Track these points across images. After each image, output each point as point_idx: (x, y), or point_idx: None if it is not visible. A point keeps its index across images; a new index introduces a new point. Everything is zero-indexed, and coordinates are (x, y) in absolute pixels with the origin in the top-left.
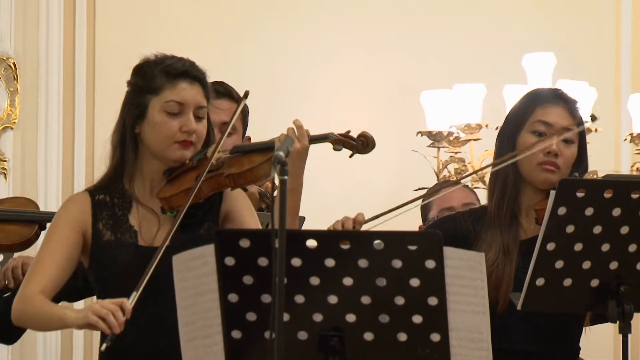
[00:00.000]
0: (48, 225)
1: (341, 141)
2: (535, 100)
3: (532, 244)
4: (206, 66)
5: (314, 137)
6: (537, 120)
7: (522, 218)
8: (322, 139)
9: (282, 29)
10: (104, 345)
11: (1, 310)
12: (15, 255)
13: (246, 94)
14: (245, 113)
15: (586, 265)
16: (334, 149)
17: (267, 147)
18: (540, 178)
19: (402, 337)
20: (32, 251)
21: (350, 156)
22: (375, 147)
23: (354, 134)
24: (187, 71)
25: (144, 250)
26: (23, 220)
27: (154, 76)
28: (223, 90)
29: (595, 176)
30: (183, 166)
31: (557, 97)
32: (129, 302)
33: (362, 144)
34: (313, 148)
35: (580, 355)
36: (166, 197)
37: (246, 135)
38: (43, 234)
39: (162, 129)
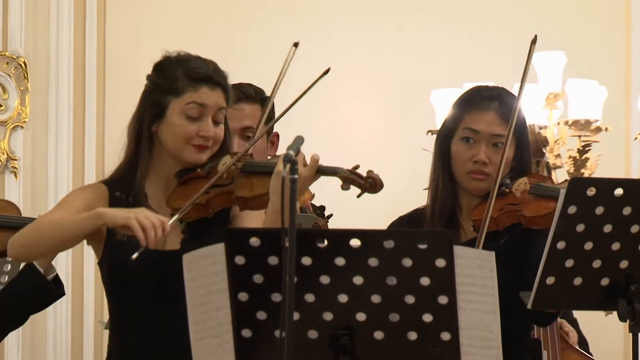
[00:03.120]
0: None
1: (350, 179)
2: (466, 104)
3: (472, 245)
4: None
5: (322, 169)
6: (466, 127)
7: (462, 219)
8: (331, 173)
9: (292, 28)
10: (135, 254)
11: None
12: None
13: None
14: (269, 118)
15: (596, 264)
16: (342, 187)
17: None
18: (470, 186)
19: (413, 336)
20: None
21: (358, 196)
22: (383, 188)
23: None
24: (210, 76)
25: (154, 254)
26: (3, 226)
27: (176, 77)
28: (239, 94)
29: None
30: (195, 172)
31: (490, 99)
32: (170, 222)
33: (371, 185)
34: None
35: (590, 353)
36: (176, 208)
37: (274, 132)
38: None
39: (179, 132)
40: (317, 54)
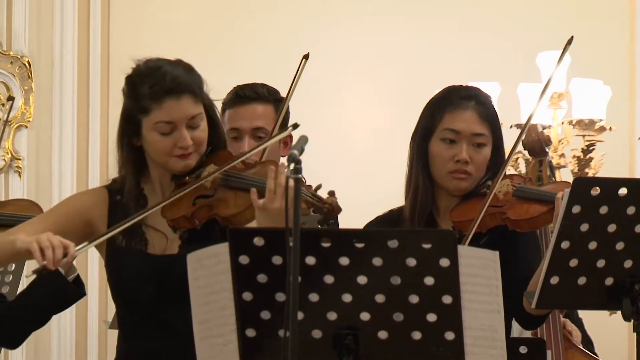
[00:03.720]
0: None
1: (310, 203)
2: (443, 104)
3: None
4: (221, 65)
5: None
6: (446, 127)
7: (439, 219)
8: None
9: (301, 29)
10: (31, 272)
11: (7, 315)
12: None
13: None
14: (284, 119)
15: (600, 263)
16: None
17: (256, 185)
18: (452, 186)
19: (417, 335)
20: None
21: (319, 222)
22: (340, 212)
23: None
24: (171, 88)
25: (153, 259)
26: None
27: (142, 96)
28: (252, 94)
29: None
30: (185, 178)
31: (467, 99)
32: (75, 249)
33: (328, 210)
34: (331, 149)
35: (595, 353)
36: (168, 218)
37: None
38: None
39: (157, 147)
40: (325, 55)
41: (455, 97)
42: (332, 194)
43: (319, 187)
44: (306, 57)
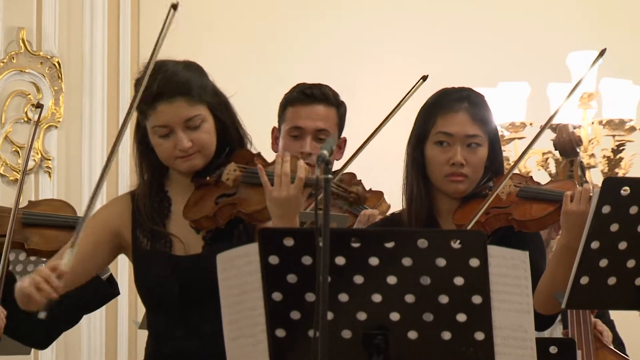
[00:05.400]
0: None
1: (334, 194)
2: (436, 108)
3: None
4: (247, 66)
5: (308, 182)
6: (439, 131)
7: (442, 222)
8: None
9: (324, 28)
10: (43, 314)
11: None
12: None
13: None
14: (341, 116)
15: (630, 263)
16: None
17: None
18: (449, 189)
19: (446, 335)
20: None
21: (345, 211)
22: (366, 201)
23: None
24: (161, 93)
25: (178, 260)
26: (61, 226)
27: (140, 101)
28: (319, 95)
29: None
30: (205, 179)
31: (459, 100)
32: (64, 262)
33: (354, 199)
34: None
35: (627, 354)
36: (190, 219)
37: (342, 136)
38: None
39: (159, 150)
40: (349, 54)
41: (448, 100)
42: (358, 182)
43: (341, 179)
44: (424, 78)
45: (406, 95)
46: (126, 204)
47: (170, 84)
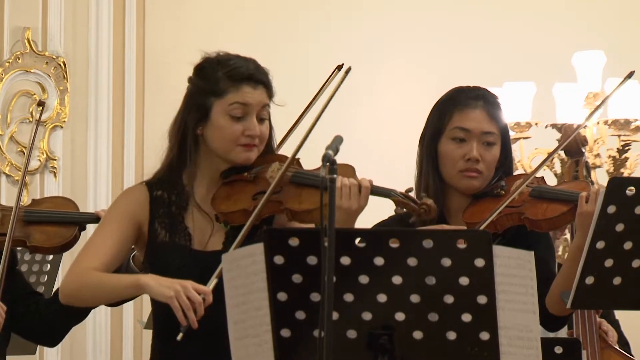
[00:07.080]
0: (88, 226)
1: (403, 203)
2: (452, 104)
3: None
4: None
5: (375, 190)
6: (455, 126)
7: (451, 220)
8: (384, 195)
9: (333, 30)
10: (180, 335)
11: (47, 311)
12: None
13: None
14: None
15: (636, 263)
16: (396, 210)
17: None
18: (463, 185)
19: (452, 335)
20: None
21: (412, 221)
22: (436, 214)
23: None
24: (251, 75)
25: (198, 255)
26: (63, 222)
27: (218, 79)
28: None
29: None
30: (241, 174)
31: (475, 99)
32: (210, 288)
33: (425, 212)
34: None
35: (632, 354)
36: (222, 211)
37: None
38: (83, 235)
39: (225, 133)
40: (358, 54)
41: (464, 97)
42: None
43: (409, 190)
44: (339, 67)
45: (323, 85)
46: (144, 195)
47: (260, 72)
